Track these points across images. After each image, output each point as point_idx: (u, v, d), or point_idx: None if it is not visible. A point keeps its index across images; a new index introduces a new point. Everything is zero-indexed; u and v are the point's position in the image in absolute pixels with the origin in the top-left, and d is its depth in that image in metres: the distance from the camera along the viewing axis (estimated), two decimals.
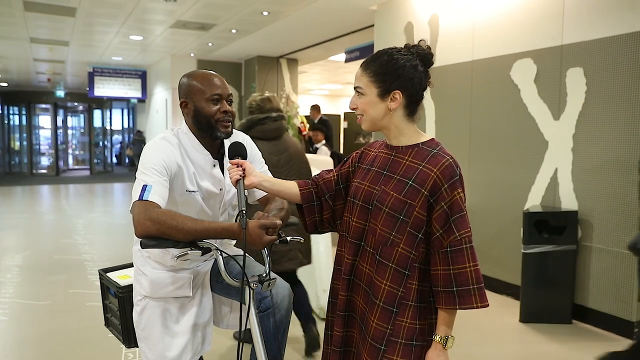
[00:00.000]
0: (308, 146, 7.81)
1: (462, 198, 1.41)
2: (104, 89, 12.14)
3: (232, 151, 1.68)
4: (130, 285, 1.89)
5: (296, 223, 1.85)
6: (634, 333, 3.40)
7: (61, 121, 17.47)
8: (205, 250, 1.60)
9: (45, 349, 3.17)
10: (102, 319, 2.12)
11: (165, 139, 1.76)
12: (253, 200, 1.93)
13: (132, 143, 17.66)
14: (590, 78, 3.63)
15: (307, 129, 7.85)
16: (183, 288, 1.82)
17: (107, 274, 2.02)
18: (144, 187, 1.59)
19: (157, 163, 1.65)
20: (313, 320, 3.04)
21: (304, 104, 11.38)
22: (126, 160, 18.53)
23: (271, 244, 1.62)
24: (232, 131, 1.81)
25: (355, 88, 1.51)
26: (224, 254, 1.69)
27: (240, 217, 1.54)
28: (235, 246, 2.04)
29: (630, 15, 3.39)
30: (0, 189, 11.91)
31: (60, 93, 16.46)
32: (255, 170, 1.66)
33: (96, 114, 17.95)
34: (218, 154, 1.85)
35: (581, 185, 3.71)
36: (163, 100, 11.35)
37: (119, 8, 6.60)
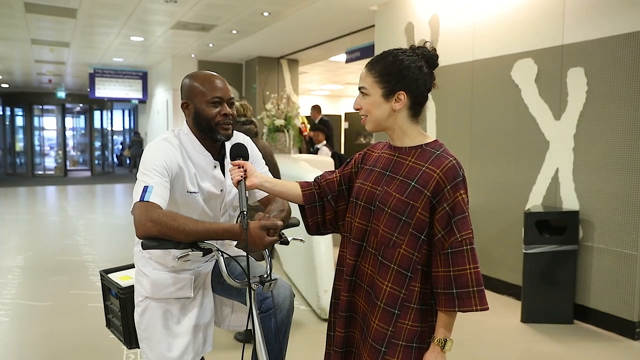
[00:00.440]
0: (309, 147, 7.81)
1: (465, 199, 1.40)
2: (105, 90, 12.15)
3: (234, 152, 1.68)
4: (132, 286, 1.89)
5: (297, 224, 1.85)
6: (636, 333, 3.39)
7: (65, 122, 17.48)
8: (206, 251, 1.60)
9: (47, 350, 3.18)
10: (104, 319, 2.12)
11: (166, 140, 1.76)
12: (254, 201, 1.93)
13: (130, 144, 17.77)
14: (591, 78, 3.63)
15: (308, 130, 7.85)
16: (184, 289, 1.82)
17: (108, 275, 2.02)
18: (145, 188, 1.59)
19: (158, 164, 1.65)
20: None
21: (304, 104, 11.38)
22: (127, 161, 18.55)
23: (272, 245, 1.62)
24: (233, 134, 1.81)
25: (360, 88, 1.50)
26: (225, 255, 1.69)
27: (241, 218, 1.54)
28: (236, 247, 2.05)
29: (630, 15, 3.38)
30: (2, 190, 11.92)
31: (61, 94, 16.47)
32: (257, 171, 1.66)
33: (97, 115, 17.98)
34: (219, 155, 1.85)
35: (582, 185, 3.71)
36: (164, 101, 11.36)
37: (119, 9, 6.60)
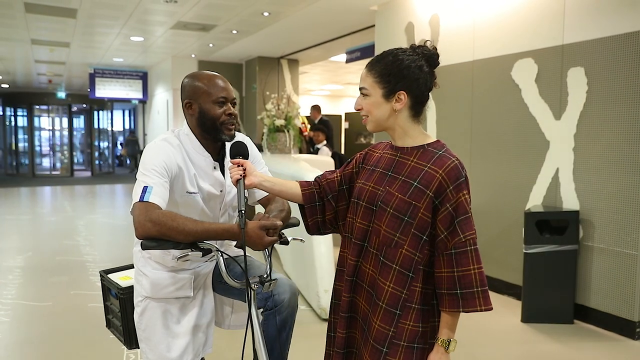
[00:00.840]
0: (309, 147, 7.81)
1: (468, 200, 1.40)
2: (105, 90, 12.15)
3: (234, 151, 1.68)
4: (131, 287, 1.89)
5: (297, 224, 1.85)
6: (636, 333, 3.39)
7: (65, 122, 17.49)
8: (206, 252, 1.60)
9: (47, 350, 3.18)
10: (104, 320, 2.12)
11: (166, 140, 1.76)
12: (253, 201, 1.93)
13: (126, 144, 17.89)
14: (592, 78, 3.62)
15: (308, 130, 7.85)
16: (184, 288, 1.82)
17: (108, 275, 2.02)
18: (145, 189, 1.59)
19: (158, 164, 1.65)
20: None
21: (304, 104, 11.38)
22: (127, 161, 18.58)
23: (272, 245, 1.61)
24: (235, 134, 1.81)
25: (360, 89, 1.50)
26: (225, 255, 1.69)
27: (240, 217, 1.54)
28: (235, 247, 2.04)
29: (631, 15, 3.38)
30: (2, 190, 11.92)
31: (61, 94, 16.48)
32: (256, 170, 1.66)
33: (96, 115, 17.99)
34: (219, 155, 1.85)
35: (582, 185, 3.71)
36: (164, 101, 11.36)
37: (119, 9, 6.60)
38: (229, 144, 1.82)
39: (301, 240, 1.81)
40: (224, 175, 1.84)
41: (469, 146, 4.62)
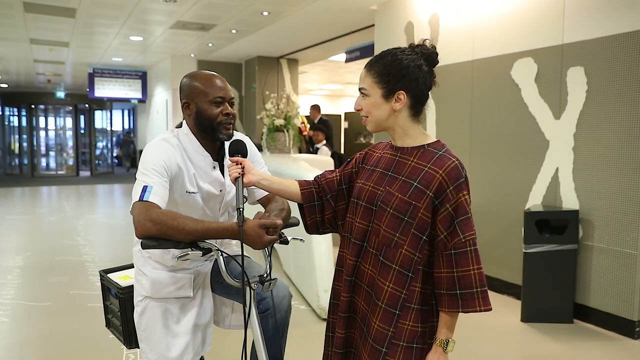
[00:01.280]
0: (309, 146, 7.81)
1: (468, 200, 1.40)
2: (104, 90, 12.14)
3: (232, 149, 1.68)
4: (131, 286, 1.89)
5: (297, 223, 1.85)
6: (636, 332, 3.39)
7: (67, 122, 17.49)
8: (206, 251, 1.60)
9: (47, 350, 3.17)
10: (103, 320, 2.12)
11: (166, 140, 1.76)
12: (253, 200, 1.93)
13: (122, 144, 17.94)
14: (591, 77, 3.62)
15: (308, 129, 7.85)
16: (184, 288, 1.82)
17: (108, 275, 2.02)
18: (145, 188, 1.58)
19: (158, 164, 1.65)
20: None
21: (304, 104, 11.37)
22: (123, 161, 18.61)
23: (271, 244, 1.61)
24: (234, 133, 1.81)
25: (360, 89, 1.49)
26: (225, 254, 1.69)
27: (238, 215, 1.54)
28: (235, 246, 2.04)
29: (630, 14, 3.38)
30: (1, 190, 11.91)
31: (60, 94, 16.46)
32: (255, 168, 1.65)
33: (97, 115, 17.97)
34: (218, 155, 1.85)
35: (582, 185, 3.71)
36: (163, 101, 11.35)
37: (119, 9, 6.60)
38: (228, 144, 1.82)
39: (301, 239, 1.81)
40: (223, 174, 1.84)
41: (468, 146, 4.62)
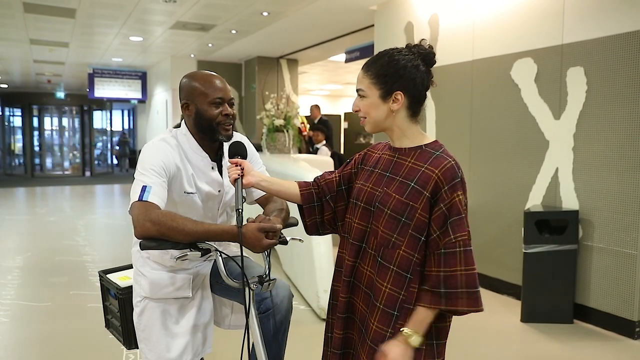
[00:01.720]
0: (308, 147, 7.81)
1: (462, 201, 1.39)
2: (104, 90, 12.13)
3: (232, 150, 1.68)
4: (130, 287, 1.88)
5: (295, 223, 1.85)
6: (636, 332, 3.39)
7: (68, 122, 17.50)
8: (205, 252, 1.60)
9: (46, 351, 3.17)
10: (103, 320, 2.12)
11: (164, 140, 1.76)
12: (251, 200, 1.93)
13: (117, 144, 18.07)
14: (591, 77, 3.62)
15: (308, 129, 7.85)
16: (183, 289, 1.82)
17: (107, 276, 2.02)
18: (144, 188, 1.58)
19: (156, 164, 1.65)
20: None
21: (304, 104, 11.37)
22: (127, 161, 18.64)
23: (271, 247, 1.61)
24: (233, 134, 1.81)
25: (358, 90, 1.50)
26: (224, 255, 1.69)
27: (237, 216, 1.54)
28: (234, 247, 2.04)
29: (630, 14, 3.38)
30: (1, 190, 11.90)
31: (60, 94, 16.45)
32: (254, 169, 1.65)
33: (96, 115, 17.98)
34: (216, 156, 1.85)
35: (582, 185, 3.71)
36: (163, 101, 11.35)
37: (118, 9, 6.60)
38: (226, 144, 1.82)
39: (300, 240, 1.81)
40: (221, 175, 1.84)
41: (468, 146, 4.62)
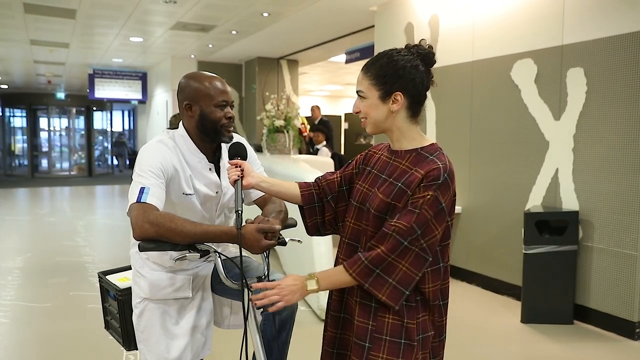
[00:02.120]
0: (309, 147, 7.80)
1: (430, 201, 1.36)
2: (104, 91, 12.13)
3: (232, 152, 1.69)
4: (130, 288, 1.88)
5: (294, 224, 1.85)
6: (636, 333, 3.39)
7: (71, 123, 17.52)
8: (204, 253, 1.59)
9: (46, 352, 3.17)
10: (103, 321, 2.11)
11: (162, 141, 1.75)
12: (249, 201, 1.92)
13: (114, 145, 18.29)
14: (591, 78, 3.62)
15: (308, 130, 7.85)
16: (182, 289, 1.81)
17: (107, 277, 2.02)
18: (142, 189, 1.58)
19: (154, 165, 1.65)
20: None
21: (304, 105, 11.36)
22: (127, 161, 18.68)
23: (269, 248, 1.61)
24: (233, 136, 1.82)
25: (358, 92, 1.50)
26: (223, 256, 1.69)
27: (236, 218, 1.53)
28: (233, 247, 2.04)
29: (630, 15, 3.38)
30: (1, 191, 11.90)
31: (60, 95, 16.45)
32: (254, 171, 1.65)
33: (96, 116, 17.99)
34: (214, 157, 1.85)
35: (582, 186, 3.70)
36: (163, 101, 11.35)
37: (119, 10, 6.60)
38: (224, 146, 1.82)
39: (299, 241, 1.81)
40: (219, 176, 1.84)
41: (468, 146, 4.62)
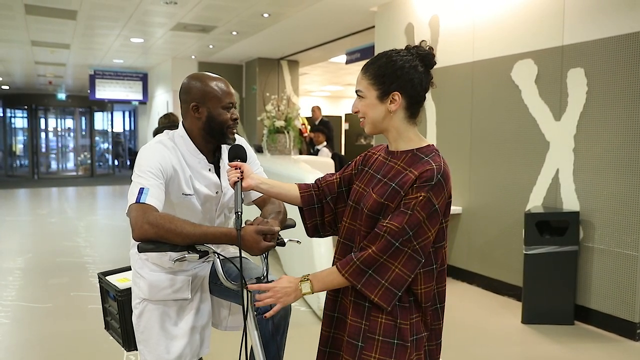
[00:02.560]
0: (309, 148, 7.80)
1: (422, 201, 1.36)
2: (105, 91, 12.14)
3: (232, 154, 1.69)
4: (129, 289, 1.89)
5: (293, 225, 1.85)
6: (637, 334, 3.38)
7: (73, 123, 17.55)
8: (203, 254, 1.60)
9: (47, 352, 3.17)
10: (103, 322, 2.12)
11: (161, 142, 1.75)
12: (248, 202, 1.93)
13: (113, 145, 18.76)
14: (591, 78, 3.62)
15: (308, 131, 7.85)
16: (181, 290, 1.82)
17: (107, 277, 2.02)
18: (141, 190, 1.58)
19: (153, 166, 1.65)
20: None
21: (305, 105, 11.37)
22: (127, 162, 18.74)
23: (268, 250, 1.61)
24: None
25: (357, 91, 1.51)
26: (222, 257, 1.69)
27: (236, 219, 1.54)
28: (232, 248, 2.04)
29: (631, 15, 3.38)
30: (2, 192, 11.92)
31: (61, 96, 16.47)
32: (254, 172, 1.66)
33: (97, 117, 18.01)
34: (213, 157, 1.85)
35: (582, 186, 3.70)
36: (164, 102, 11.35)
37: (119, 11, 6.61)
38: (224, 146, 1.83)
39: (297, 241, 1.81)
40: (219, 177, 1.84)
41: (468, 147, 4.62)
